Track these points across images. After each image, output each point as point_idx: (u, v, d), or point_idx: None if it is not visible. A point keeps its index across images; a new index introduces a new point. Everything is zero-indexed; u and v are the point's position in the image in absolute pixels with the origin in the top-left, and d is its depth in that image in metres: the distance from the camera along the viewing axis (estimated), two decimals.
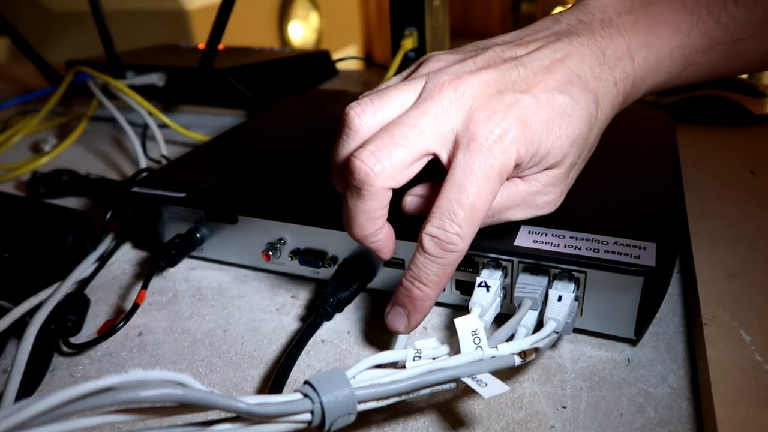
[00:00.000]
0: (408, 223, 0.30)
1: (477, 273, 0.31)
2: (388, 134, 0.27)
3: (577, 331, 0.32)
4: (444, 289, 0.34)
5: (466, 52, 0.31)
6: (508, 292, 0.32)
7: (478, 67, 0.29)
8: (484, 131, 0.27)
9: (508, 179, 0.29)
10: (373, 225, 0.29)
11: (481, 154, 0.26)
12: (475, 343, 0.25)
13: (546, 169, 0.29)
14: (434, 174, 0.29)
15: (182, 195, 0.39)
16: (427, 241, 0.27)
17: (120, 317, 0.34)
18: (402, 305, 0.29)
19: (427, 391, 0.24)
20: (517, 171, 0.28)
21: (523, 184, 0.29)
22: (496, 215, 0.30)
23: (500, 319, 0.31)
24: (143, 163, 0.54)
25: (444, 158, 0.28)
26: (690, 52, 0.30)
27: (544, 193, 0.29)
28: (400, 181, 0.28)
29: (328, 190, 0.38)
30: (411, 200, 0.31)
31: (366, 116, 0.29)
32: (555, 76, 0.28)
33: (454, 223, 0.26)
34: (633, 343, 0.31)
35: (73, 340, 0.33)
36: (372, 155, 0.27)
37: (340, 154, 0.30)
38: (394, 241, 0.30)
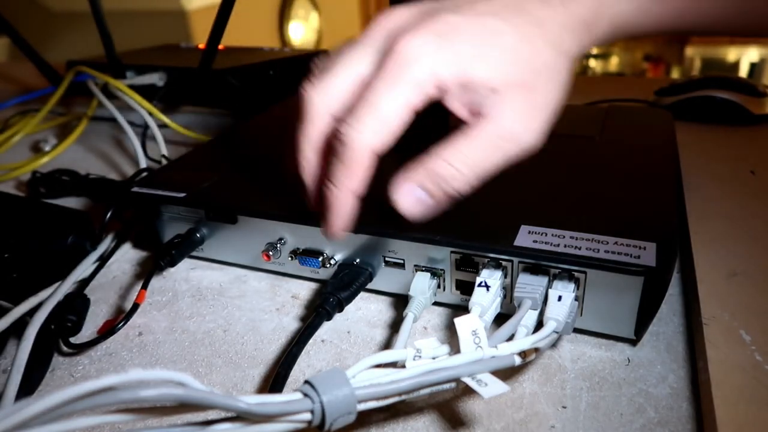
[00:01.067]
0: (411, 223, 0.30)
1: (477, 273, 0.31)
2: (326, 67, 0.29)
3: (577, 331, 0.32)
4: (444, 288, 0.34)
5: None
6: (508, 292, 0.32)
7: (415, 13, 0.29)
8: (403, 42, 0.26)
9: (475, 117, 0.27)
10: (313, 156, 0.30)
11: (393, 61, 0.26)
12: (475, 343, 0.25)
13: (497, 94, 0.27)
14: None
15: (182, 195, 0.39)
16: (334, 139, 0.28)
17: (120, 317, 0.34)
18: (323, 212, 0.30)
19: (427, 390, 0.24)
20: (451, 92, 0.27)
21: (488, 119, 0.27)
22: (483, 159, 0.27)
23: (500, 319, 0.31)
24: (143, 163, 0.54)
25: None
26: None
27: (516, 120, 0.27)
28: (336, 111, 0.29)
29: None
30: None
31: (321, 97, 0.29)
32: (489, 3, 0.27)
33: (354, 118, 0.27)
34: (633, 343, 0.31)
35: (73, 340, 0.33)
36: (314, 84, 0.29)
37: (308, 140, 0.30)
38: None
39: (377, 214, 0.35)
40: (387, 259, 0.34)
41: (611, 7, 0.28)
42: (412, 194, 0.28)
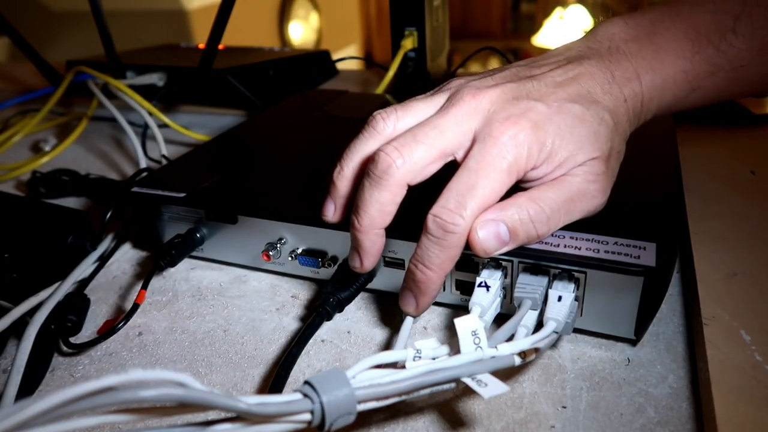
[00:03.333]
0: (409, 223, 0.30)
1: (477, 273, 0.31)
2: (411, 134, 0.30)
3: (577, 331, 0.32)
4: (444, 288, 0.34)
5: (485, 73, 0.33)
6: (508, 292, 0.32)
7: (496, 82, 0.31)
8: (501, 128, 0.28)
9: (554, 180, 0.30)
10: (381, 218, 0.30)
11: (495, 147, 0.28)
12: (475, 343, 0.25)
13: (582, 165, 0.30)
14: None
15: (182, 195, 0.39)
16: (430, 221, 0.28)
17: (120, 317, 0.34)
18: (409, 288, 0.30)
19: (427, 391, 0.24)
20: (535, 172, 0.29)
21: (572, 177, 0.30)
22: (565, 210, 0.30)
23: (500, 319, 0.31)
24: (143, 163, 0.54)
25: (461, 158, 0.30)
26: (693, 77, 0.32)
27: (592, 180, 0.30)
28: (416, 178, 0.29)
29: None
30: None
31: (389, 121, 0.31)
32: (566, 90, 0.30)
33: (460, 204, 0.28)
34: (633, 343, 0.31)
35: (73, 340, 0.33)
36: (396, 150, 0.29)
37: (358, 151, 0.32)
38: (379, 256, 0.31)
39: None
40: (387, 259, 0.34)
41: (657, 101, 0.33)
42: (495, 228, 0.28)
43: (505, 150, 0.28)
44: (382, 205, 0.29)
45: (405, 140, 0.29)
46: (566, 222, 0.30)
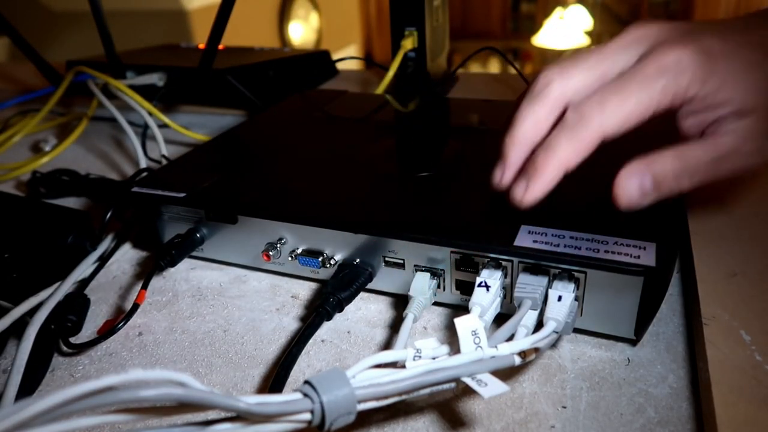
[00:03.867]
0: (409, 222, 0.31)
1: (477, 273, 0.31)
2: (574, 57, 0.30)
3: (577, 331, 0.32)
4: (444, 288, 0.34)
5: None
6: (508, 292, 0.32)
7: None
8: (667, 49, 0.27)
9: (706, 134, 0.28)
10: (533, 131, 0.30)
11: (656, 63, 0.27)
12: (475, 343, 0.25)
13: (737, 116, 0.28)
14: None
15: (182, 195, 0.39)
16: (570, 112, 0.28)
17: (120, 317, 0.34)
18: (524, 172, 0.30)
19: (427, 391, 0.24)
20: (691, 106, 0.28)
21: (724, 136, 0.28)
22: (712, 168, 0.28)
23: (500, 319, 0.31)
24: (143, 163, 0.54)
25: None
26: None
27: (749, 138, 0.28)
28: (574, 98, 0.29)
29: (328, 190, 0.38)
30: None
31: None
32: (745, 35, 0.29)
33: (603, 102, 0.27)
34: (633, 343, 0.31)
35: (73, 340, 0.33)
36: (557, 69, 0.29)
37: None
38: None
39: (377, 214, 0.35)
40: (387, 259, 0.34)
41: None
42: (639, 180, 0.28)
43: (668, 69, 0.27)
44: (537, 119, 0.29)
45: (567, 63, 0.29)
46: (712, 180, 0.28)
